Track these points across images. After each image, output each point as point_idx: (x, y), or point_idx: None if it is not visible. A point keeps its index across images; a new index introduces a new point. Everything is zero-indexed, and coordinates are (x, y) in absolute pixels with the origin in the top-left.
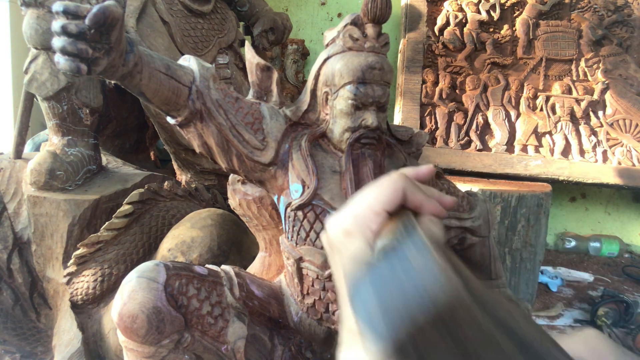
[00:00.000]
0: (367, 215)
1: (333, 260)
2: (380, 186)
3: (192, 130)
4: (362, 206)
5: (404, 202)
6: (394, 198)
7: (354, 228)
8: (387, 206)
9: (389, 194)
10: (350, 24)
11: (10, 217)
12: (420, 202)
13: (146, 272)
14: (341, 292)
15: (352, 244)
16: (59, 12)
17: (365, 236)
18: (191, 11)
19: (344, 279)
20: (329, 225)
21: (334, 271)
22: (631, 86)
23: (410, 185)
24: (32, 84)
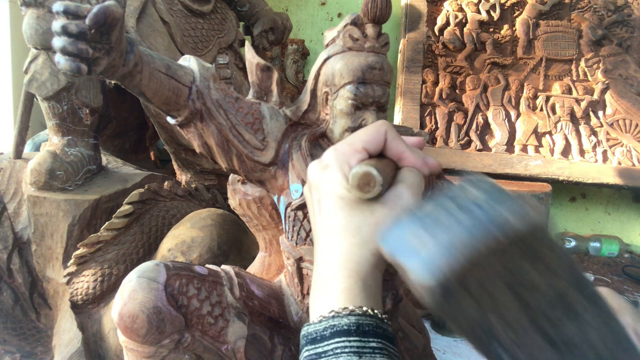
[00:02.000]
0: (346, 151)
1: (310, 201)
2: (364, 129)
3: (192, 130)
4: (342, 143)
5: (386, 149)
6: (375, 138)
7: (332, 161)
8: (368, 145)
9: (370, 133)
10: (350, 24)
11: (10, 217)
12: (401, 152)
13: (146, 272)
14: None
15: (329, 177)
16: (59, 12)
17: (343, 169)
18: (191, 11)
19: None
20: (309, 167)
21: (311, 216)
22: (631, 86)
23: (392, 132)
24: (32, 84)
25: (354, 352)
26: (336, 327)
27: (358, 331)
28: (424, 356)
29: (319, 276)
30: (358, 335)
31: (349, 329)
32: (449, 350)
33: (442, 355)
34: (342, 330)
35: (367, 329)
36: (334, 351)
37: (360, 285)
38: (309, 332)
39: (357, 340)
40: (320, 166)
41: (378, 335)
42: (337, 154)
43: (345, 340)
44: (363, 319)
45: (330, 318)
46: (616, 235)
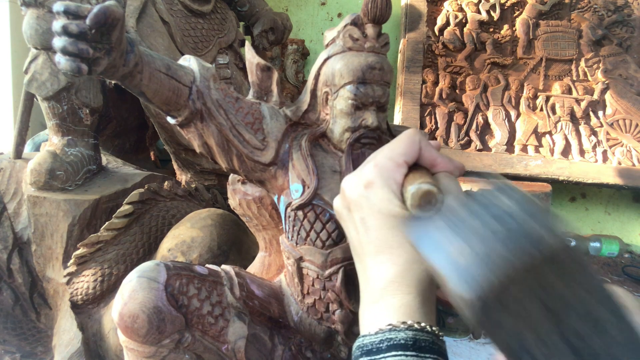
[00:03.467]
0: (389, 166)
1: (350, 219)
2: (397, 140)
3: (193, 130)
4: (381, 157)
5: (420, 158)
6: (413, 150)
7: (377, 179)
8: (407, 157)
9: (407, 145)
10: (350, 24)
11: (10, 217)
12: (435, 158)
13: (147, 272)
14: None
15: (375, 195)
16: (60, 12)
17: (390, 186)
18: (191, 11)
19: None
20: (344, 183)
21: (349, 232)
22: (631, 86)
23: (424, 140)
24: (32, 84)
25: None
26: (393, 341)
27: (415, 346)
28: None
29: (370, 289)
30: (415, 350)
31: (406, 343)
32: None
33: None
34: (399, 344)
35: (424, 345)
36: None
37: (419, 300)
38: (365, 344)
39: (414, 355)
40: (362, 184)
41: (434, 351)
42: (380, 170)
43: (402, 354)
44: (420, 334)
45: (387, 331)
46: (616, 235)
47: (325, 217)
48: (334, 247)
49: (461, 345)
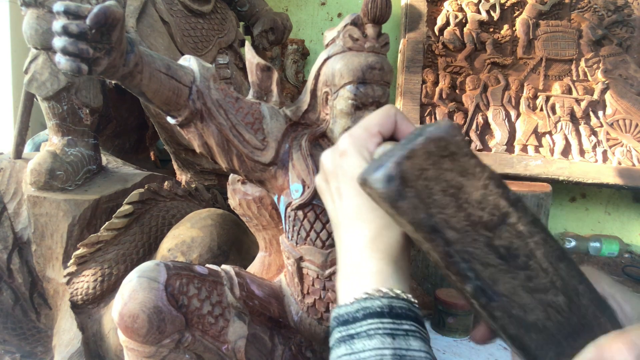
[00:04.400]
0: (363, 136)
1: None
2: (373, 113)
3: (193, 130)
4: (356, 128)
5: (396, 131)
6: (387, 122)
7: (350, 147)
8: (382, 128)
9: (382, 117)
10: (350, 24)
11: (10, 217)
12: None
13: (147, 272)
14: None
15: (348, 163)
16: (60, 12)
17: (362, 154)
18: (191, 11)
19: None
20: (323, 156)
21: (327, 204)
22: (631, 86)
23: (400, 114)
24: (32, 84)
25: (387, 333)
26: (369, 309)
27: (391, 313)
28: None
29: (346, 259)
30: (391, 317)
31: (382, 311)
32: (449, 351)
33: (442, 355)
34: (374, 312)
35: (400, 312)
36: (367, 332)
37: (392, 267)
38: (340, 314)
39: (391, 322)
40: (337, 153)
41: (410, 318)
42: (353, 139)
43: (379, 322)
44: (396, 301)
45: (362, 300)
46: (616, 235)
47: (325, 217)
48: (334, 246)
49: (461, 345)
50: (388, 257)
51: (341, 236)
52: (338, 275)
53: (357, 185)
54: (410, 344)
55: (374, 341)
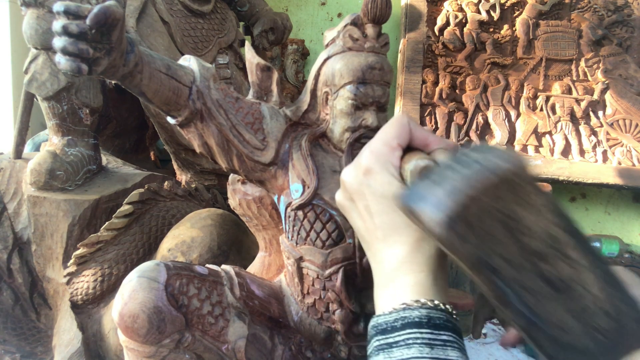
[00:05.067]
0: (385, 151)
1: (353, 209)
2: (387, 125)
3: (193, 130)
4: (376, 143)
5: (412, 140)
6: (404, 132)
7: (375, 165)
8: (400, 140)
9: (398, 129)
10: (350, 24)
11: (10, 217)
12: (426, 138)
13: (147, 272)
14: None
15: (375, 181)
16: (60, 12)
17: (388, 170)
18: (191, 11)
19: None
20: (344, 175)
21: (354, 222)
22: (631, 86)
23: (413, 123)
24: (32, 84)
25: (425, 343)
26: (407, 319)
27: (429, 324)
28: None
29: (382, 272)
30: (429, 328)
31: (420, 321)
32: None
33: None
34: (413, 322)
35: (438, 322)
36: (406, 342)
37: (431, 278)
38: (379, 323)
39: (429, 332)
40: (360, 171)
41: (448, 328)
42: (376, 156)
43: (417, 331)
44: (434, 312)
45: (401, 310)
46: (616, 235)
47: (325, 217)
48: (334, 247)
49: None
50: (426, 269)
51: (375, 252)
52: (375, 287)
53: (388, 202)
54: (448, 354)
55: (412, 350)
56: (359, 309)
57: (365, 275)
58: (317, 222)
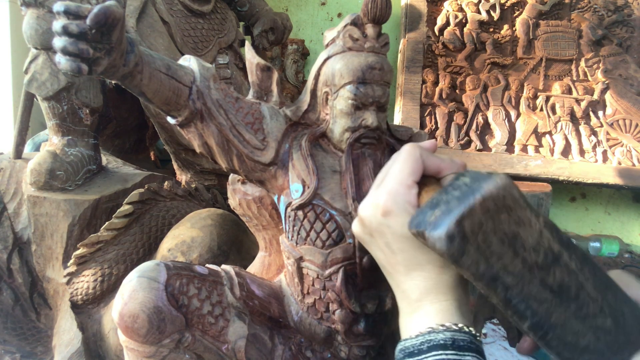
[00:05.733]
0: (402, 191)
1: (374, 243)
2: (400, 161)
3: (193, 130)
4: (392, 183)
5: (425, 170)
6: (417, 167)
7: (393, 206)
8: (415, 176)
9: (412, 164)
10: (350, 24)
11: (10, 217)
12: (438, 165)
13: (147, 272)
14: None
15: (396, 222)
16: (60, 12)
17: (407, 211)
18: (191, 11)
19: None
20: (362, 212)
21: (374, 253)
22: (631, 86)
23: (424, 152)
24: (32, 84)
25: None
26: (433, 342)
27: (454, 345)
28: None
29: (407, 300)
30: (454, 349)
31: (445, 343)
32: None
33: None
34: (438, 344)
35: (462, 344)
36: None
37: (454, 305)
38: (407, 347)
39: (454, 354)
40: (379, 211)
41: (472, 349)
42: (394, 197)
43: (442, 353)
44: (458, 334)
45: (426, 334)
46: (616, 235)
47: (325, 217)
48: (334, 247)
49: None
50: (450, 297)
51: (398, 283)
52: (400, 313)
53: (409, 242)
54: None
55: None
56: (359, 309)
57: (365, 275)
58: (317, 222)
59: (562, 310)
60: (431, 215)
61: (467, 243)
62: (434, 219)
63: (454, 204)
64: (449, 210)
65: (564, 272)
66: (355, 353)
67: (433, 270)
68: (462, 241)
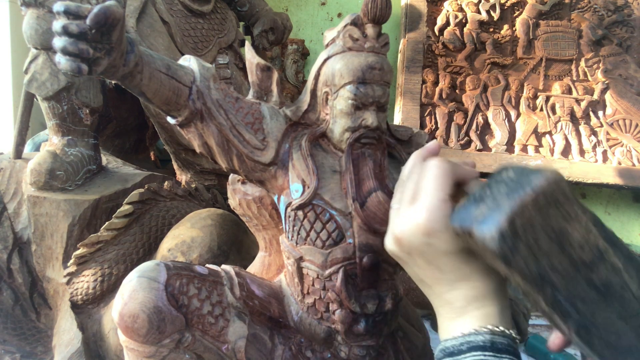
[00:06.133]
0: (441, 207)
1: (411, 260)
2: (432, 176)
3: (193, 130)
4: (429, 200)
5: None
6: (450, 180)
7: (435, 224)
8: (450, 189)
9: (445, 178)
10: (350, 24)
11: (10, 217)
12: (463, 174)
13: (147, 272)
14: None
15: (440, 240)
16: (60, 12)
17: (449, 228)
18: (191, 11)
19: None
20: (399, 232)
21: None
22: (631, 86)
23: (454, 164)
24: (32, 84)
25: None
26: (472, 343)
27: (493, 347)
28: (423, 355)
29: (451, 307)
30: (492, 351)
31: (484, 344)
32: None
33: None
34: (477, 346)
35: (501, 347)
36: None
37: (498, 309)
38: (447, 347)
39: (492, 355)
40: (420, 232)
41: (509, 352)
42: (433, 214)
43: (481, 354)
44: (498, 337)
45: (467, 335)
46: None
47: (325, 217)
48: (334, 247)
49: None
50: (495, 302)
51: (440, 293)
52: (441, 319)
53: (455, 257)
54: None
55: None
56: (359, 309)
57: (365, 275)
58: (317, 222)
59: (606, 309)
60: (476, 210)
61: (518, 240)
62: (481, 215)
63: (502, 200)
64: (497, 206)
65: (609, 270)
66: (355, 353)
67: (479, 279)
68: (514, 238)
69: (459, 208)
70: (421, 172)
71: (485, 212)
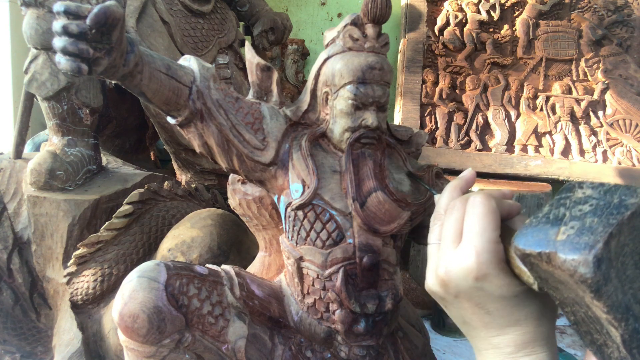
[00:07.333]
0: (494, 249)
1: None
2: (479, 215)
3: (193, 130)
4: (479, 242)
5: None
6: (498, 219)
7: (489, 269)
8: (498, 228)
9: (492, 217)
10: (350, 24)
11: (10, 217)
12: (508, 209)
13: (147, 272)
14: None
15: (493, 284)
16: (60, 12)
17: (503, 270)
18: (191, 11)
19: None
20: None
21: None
22: (631, 86)
23: (496, 200)
24: (32, 84)
25: None
26: None
27: None
28: (423, 355)
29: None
30: None
31: None
32: (448, 351)
33: (442, 355)
34: None
35: None
36: None
37: (550, 355)
38: None
39: None
40: (471, 276)
41: None
42: (487, 258)
43: None
44: None
45: None
46: None
47: (325, 217)
48: (334, 247)
49: (461, 345)
50: (546, 349)
51: (488, 338)
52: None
53: (508, 301)
54: None
55: None
56: (359, 309)
57: (365, 275)
58: (317, 222)
59: None
60: (556, 234)
61: (610, 267)
62: (565, 239)
63: (593, 221)
64: (588, 229)
65: None
66: (355, 353)
67: (531, 324)
68: (609, 265)
69: (525, 230)
70: (463, 208)
71: (571, 235)
